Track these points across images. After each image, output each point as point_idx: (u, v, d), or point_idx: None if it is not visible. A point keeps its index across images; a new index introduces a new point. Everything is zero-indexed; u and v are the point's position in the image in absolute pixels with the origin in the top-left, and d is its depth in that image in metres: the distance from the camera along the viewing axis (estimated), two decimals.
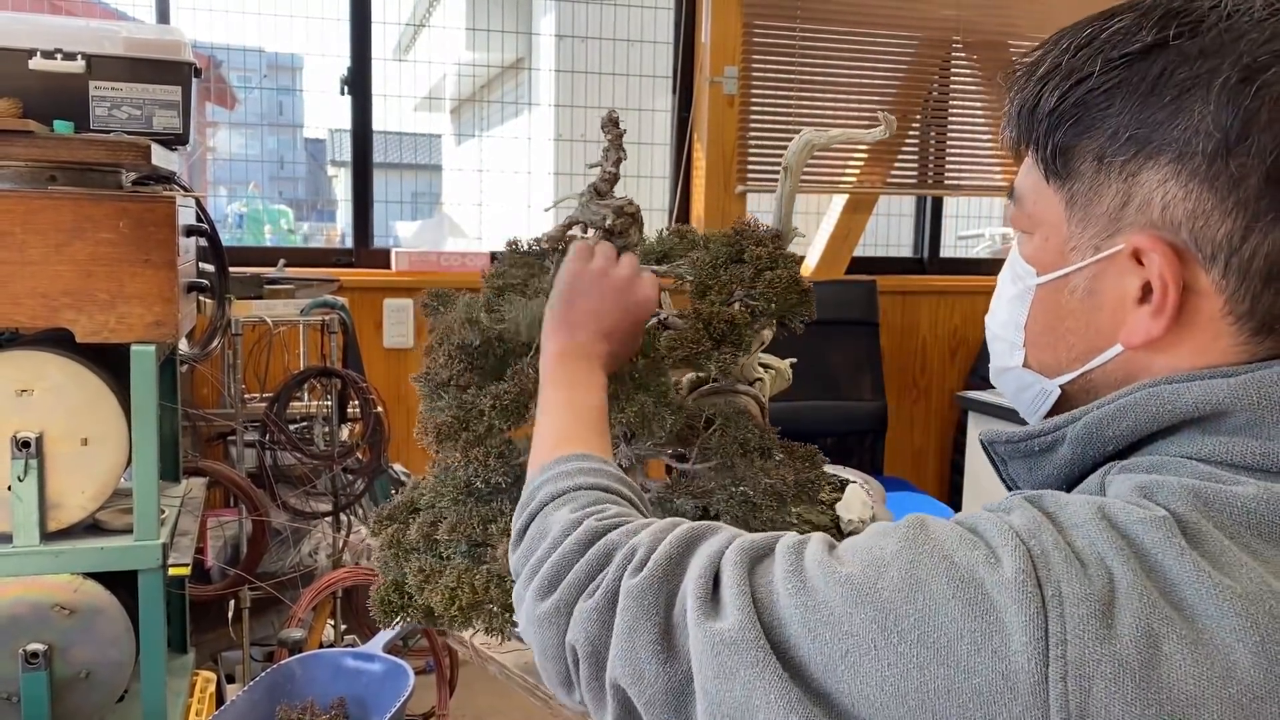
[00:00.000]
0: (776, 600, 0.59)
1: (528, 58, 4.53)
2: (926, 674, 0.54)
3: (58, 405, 1.64)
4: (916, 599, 0.55)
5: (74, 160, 1.62)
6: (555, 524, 0.74)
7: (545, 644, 0.69)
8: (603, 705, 0.66)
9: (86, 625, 1.69)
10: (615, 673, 0.64)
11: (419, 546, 1.17)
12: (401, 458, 3.01)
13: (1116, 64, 0.61)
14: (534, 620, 0.70)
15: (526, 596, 0.72)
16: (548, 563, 0.71)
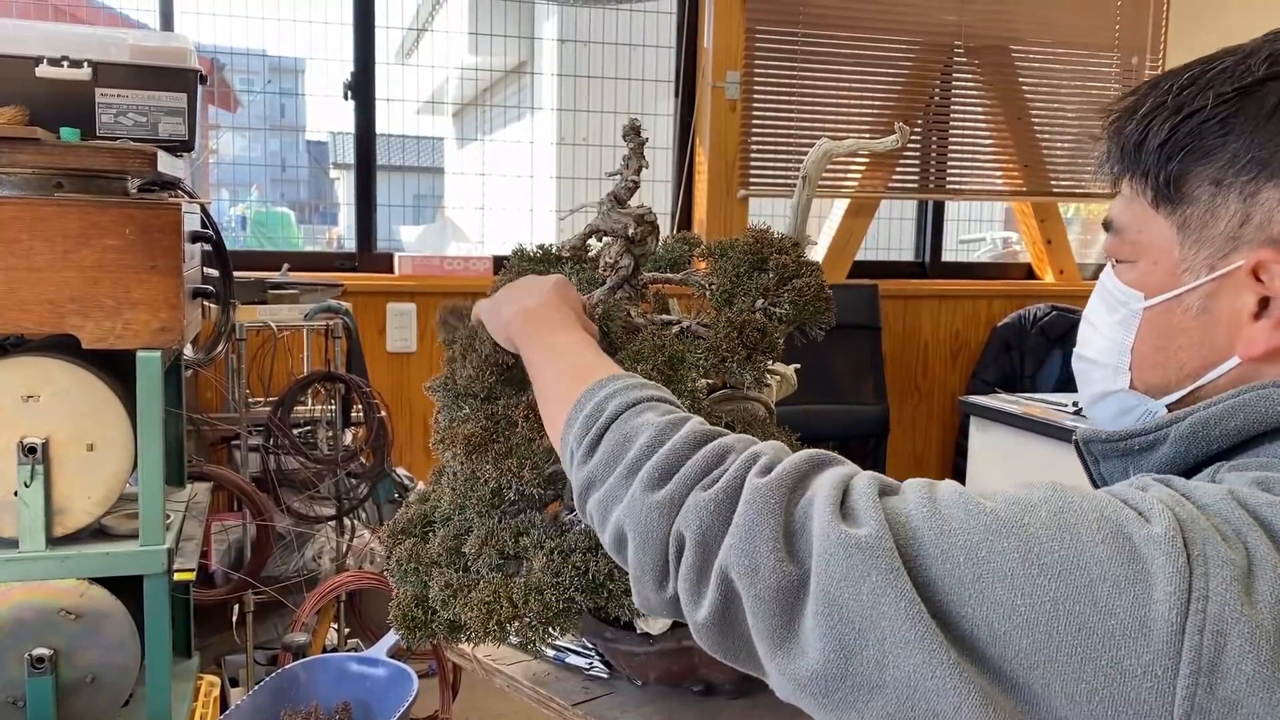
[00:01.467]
0: (910, 520, 0.60)
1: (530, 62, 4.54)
2: (1060, 609, 0.55)
3: (64, 411, 1.65)
4: (1064, 538, 0.57)
5: (80, 167, 1.63)
6: (647, 425, 0.73)
7: (648, 532, 0.68)
8: (700, 596, 0.65)
9: (92, 630, 1.69)
10: (728, 561, 0.63)
11: (441, 560, 1.16)
12: (405, 462, 3.02)
13: (1229, 96, 0.66)
14: (643, 510, 0.68)
15: (632, 489, 0.70)
16: (656, 455, 0.70)
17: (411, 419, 3.12)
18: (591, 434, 0.75)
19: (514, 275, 1.34)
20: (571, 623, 1.11)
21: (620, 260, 1.27)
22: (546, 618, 1.07)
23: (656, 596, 0.70)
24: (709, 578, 0.64)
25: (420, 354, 3.11)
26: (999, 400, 2.74)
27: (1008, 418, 2.58)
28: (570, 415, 0.78)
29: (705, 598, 0.65)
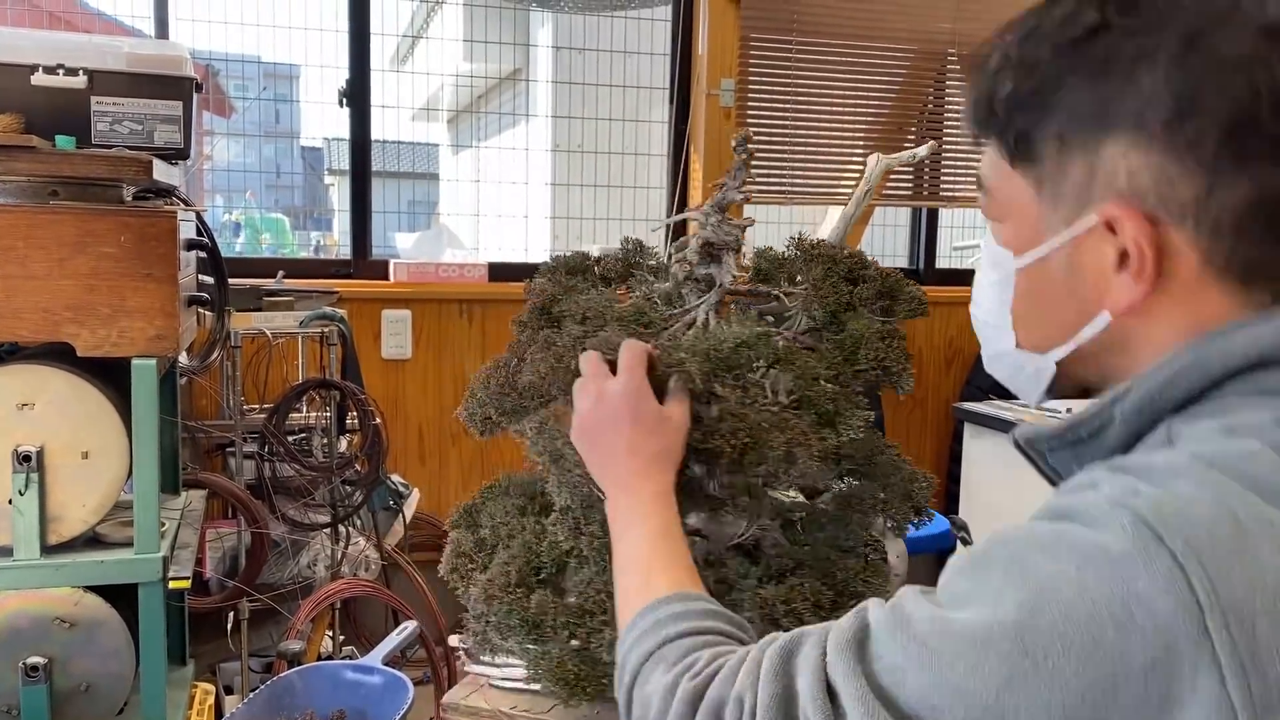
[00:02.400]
0: (906, 681, 0.58)
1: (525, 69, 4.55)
2: (1085, 678, 0.53)
3: (59, 419, 1.65)
4: (1045, 613, 0.54)
5: (76, 175, 1.63)
6: (654, 694, 0.73)
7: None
8: None
9: (87, 638, 1.69)
10: None
11: (590, 607, 1.14)
12: (399, 469, 3.02)
13: (1064, 48, 0.64)
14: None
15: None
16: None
17: (406, 426, 3.12)
18: (622, 697, 0.79)
19: (554, 280, 1.33)
20: None
21: (725, 275, 1.27)
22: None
23: None
24: None
25: (415, 361, 3.11)
26: (993, 407, 2.75)
27: (1002, 424, 2.59)
28: (618, 656, 0.82)
29: None
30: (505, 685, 1.33)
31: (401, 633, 1.84)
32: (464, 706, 1.29)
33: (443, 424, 3.16)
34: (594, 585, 1.15)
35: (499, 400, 1.26)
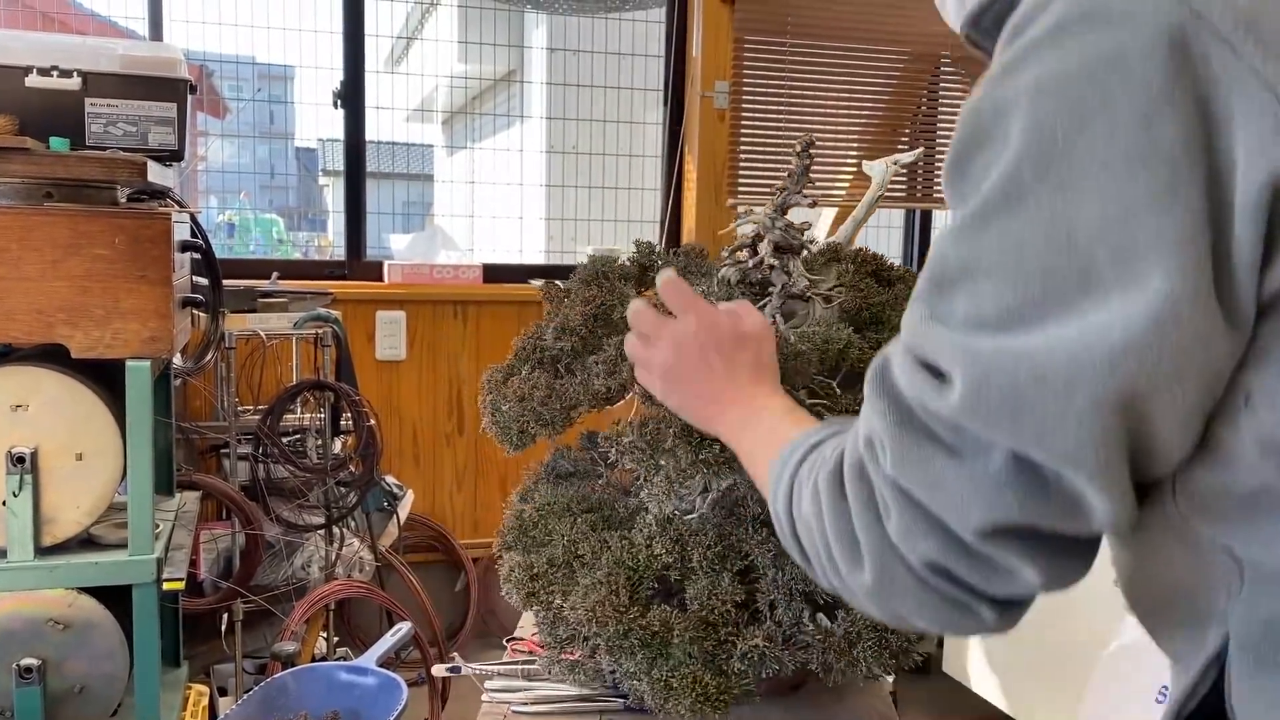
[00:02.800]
0: (980, 296, 0.56)
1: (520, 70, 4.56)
2: (1117, 119, 0.51)
3: (53, 420, 1.65)
4: (1048, 99, 0.53)
5: (70, 177, 1.63)
6: (809, 511, 0.69)
7: (900, 586, 0.63)
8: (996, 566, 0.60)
9: (80, 640, 1.69)
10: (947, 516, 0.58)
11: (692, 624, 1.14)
12: (394, 470, 3.02)
13: None
14: (892, 582, 0.63)
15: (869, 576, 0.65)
16: (833, 546, 0.66)
17: (401, 428, 3.12)
18: (789, 539, 0.75)
19: (605, 287, 1.34)
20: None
21: (798, 279, 1.27)
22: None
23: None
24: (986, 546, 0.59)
25: (409, 362, 3.12)
26: None
27: None
28: (771, 503, 0.78)
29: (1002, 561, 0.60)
30: (529, 710, 1.32)
31: (395, 634, 1.84)
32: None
33: (437, 425, 3.17)
34: (716, 595, 1.14)
35: (539, 412, 1.26)
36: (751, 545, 1.20)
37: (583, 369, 1.32)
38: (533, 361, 1.39)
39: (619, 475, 1.43)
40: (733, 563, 1.19)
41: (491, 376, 1.40)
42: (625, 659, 1.18)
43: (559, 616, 1.24)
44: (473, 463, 3.21)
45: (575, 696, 1.35)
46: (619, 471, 1.42)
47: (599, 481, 1.44)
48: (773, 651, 1.13)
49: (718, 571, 1.17)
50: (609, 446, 1.35)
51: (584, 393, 1.29)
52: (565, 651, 1.29)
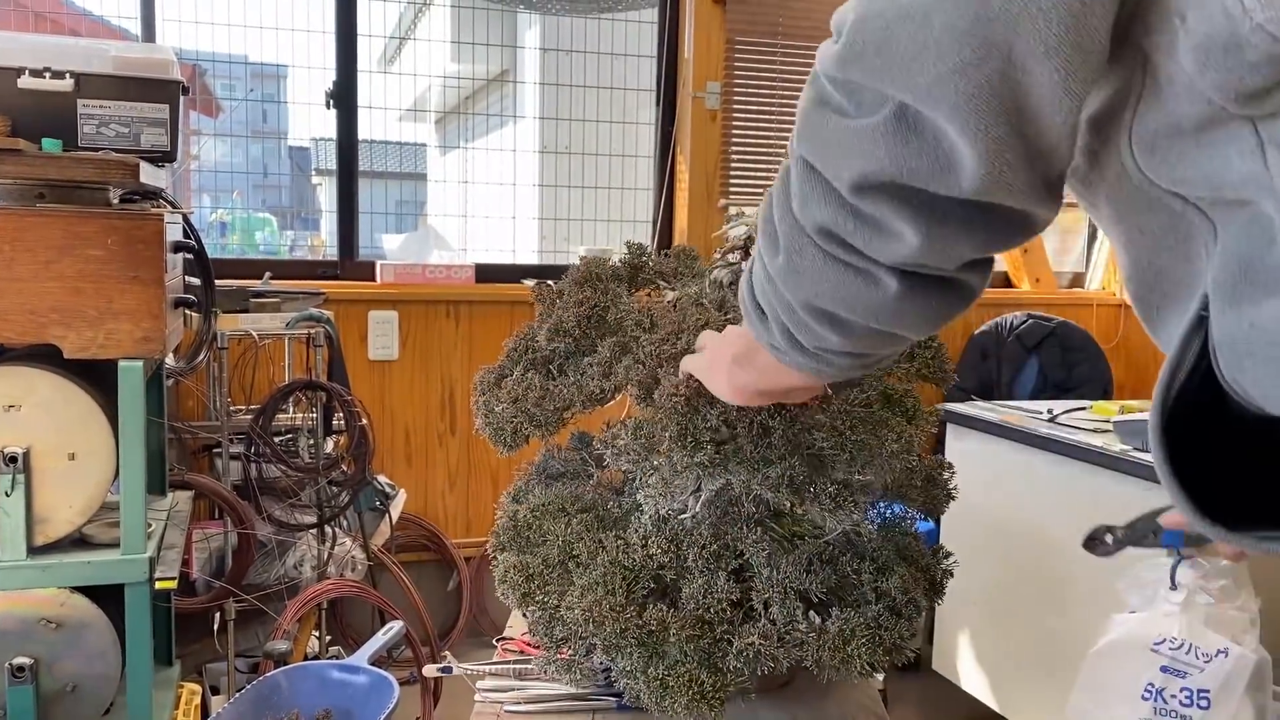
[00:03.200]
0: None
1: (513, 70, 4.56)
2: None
3: (45, 420, 1.66)
4: None
5: (63, 178, 1.64)
6: (784, 177, 0.68)
7: (806, 259, 0.65)
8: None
9: (73, 639, 1.70)
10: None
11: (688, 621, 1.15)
12: (386, 470, 3.03)
13: None
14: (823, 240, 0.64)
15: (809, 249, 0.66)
16: (761, 242, 0.69)
17: (393, 427, 3.13)
18: (779, 252, 0.71)
19: (599, 289, 1.35)
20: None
21: None
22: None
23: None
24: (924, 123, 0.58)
25: (402, 362, 3.12)
26: (975, 407, 2.77)
27: (984, 425, 2.61)
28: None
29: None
30: (522, 709, 1.33)
31: (387, 632, 1.85)
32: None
33: (429, 425, 3.18)
34: (711, 594, 1.16)
35: (533, 413, 1.27)
36: (746, 544, 1.21)
37: (576, 370, 1.33)
38: (525, 363, 1.39)
39: (610, 475, 1.44)
40: (727, 562, 1.20)
41: (484, 378, 1.41)
42: (621, 658, 1.19)
43: (555, 617, 1.25)
44: (465, 463, 3.22)
45: (568, 695, 1.36)
46: (610, 471, 1.43)
47: (590, 482, 1.45)
48: (768, 649, 1.14)
49: (713, 571, 1.18)
50: (603, 448, 1.35)
51: (577, 394, 1.30)
52: (560, 651, 1.29)
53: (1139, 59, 0.53)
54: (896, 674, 3.15)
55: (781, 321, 0.72)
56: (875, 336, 0.69)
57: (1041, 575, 2.48)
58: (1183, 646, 1.94)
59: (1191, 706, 1.93)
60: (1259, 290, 0.51)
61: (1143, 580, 2.04)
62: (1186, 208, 0.55)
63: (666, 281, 1.48)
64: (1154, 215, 0.57)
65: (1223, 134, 0.51)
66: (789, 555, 1.18)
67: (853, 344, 0.70)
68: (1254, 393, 0.52)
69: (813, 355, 0.73)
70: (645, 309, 1.33)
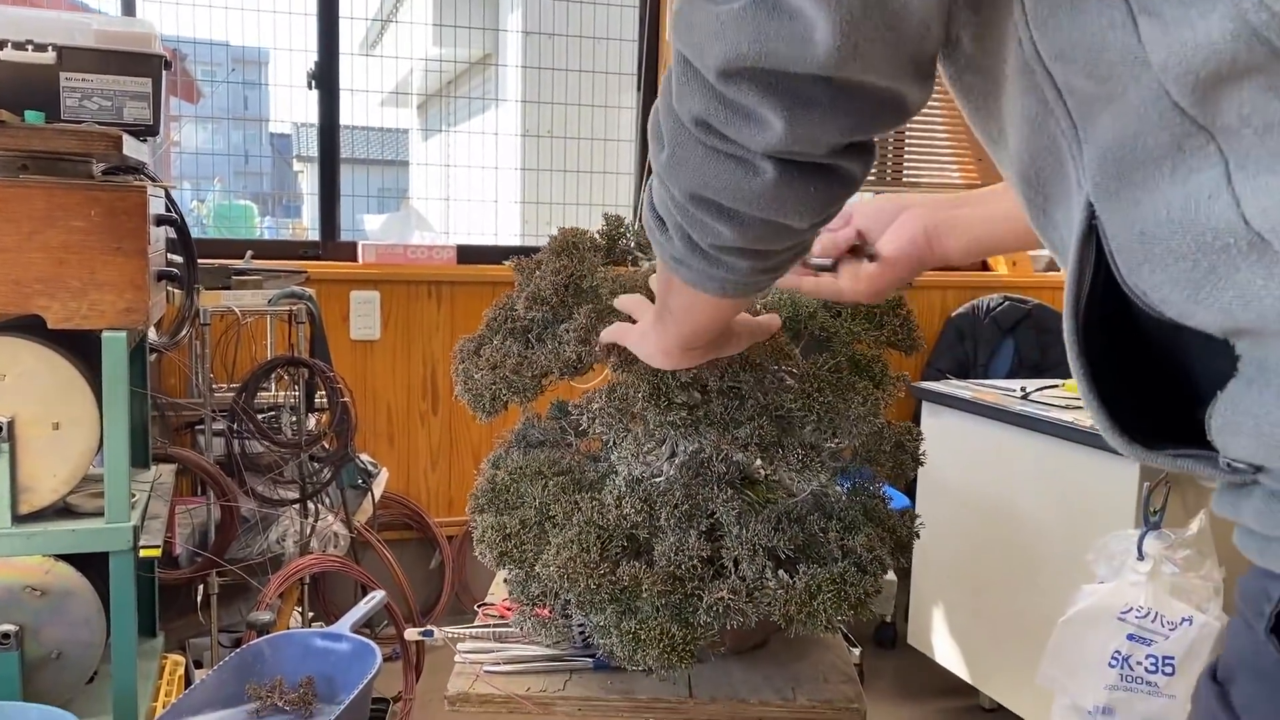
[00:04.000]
0: None
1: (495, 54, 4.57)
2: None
3: (30, 390, 1.67)
4: None
5: (46, 150, 1.65)
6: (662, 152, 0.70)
7: (686, 152, 0.67)
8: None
9: (58, 607, 1.72)
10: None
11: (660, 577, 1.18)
12: (368, 447, 3.05)
13: None
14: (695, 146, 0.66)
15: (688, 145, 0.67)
16: (651, 146, 0.71)
17: (374, 405, 3.14)
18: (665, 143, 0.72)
19: (561, 249, 1.38)
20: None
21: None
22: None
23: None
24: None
25: (384, 342, 3.14)
26: (950, 386, 2.82)
27: (958, 402, 2.65)
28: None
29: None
30: (502, 670, 1.36)
31: (369, 601, 1.88)
32: (475, 696, 1.30)
33: (411, 404, 3.20)
34: (683, 552, 1.19)
35: (511, 379, 1.30)
36: (717, 504, 1.24)
37: (553, 338, 1.36)
38: (504, 331, 1.42)
39: (588, 444, 1.47)
40: (699, 521, 1.23)
41: (464, 346, 1.43)
42: (595, 614, 1.22)
43: (531, 575, 1.28)
44: (447, 441, 3.24)
45: (546, 656, 1.39)
46: (588, 440, 1.46)
47: (569, 449, 1.48)
48: (737, 604, 1.17)
49: (684, 529, 1.21)
50: (579, 414, 1.38)
51: (555, 360, 1.33)
52: (537, 609, 1.32)
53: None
54: (872, 649, 3.20)
55: (677, 222, 0.73)
56: (764, 227, 0.69)
57: (1014, 549, 2.53)
58: (1149, 615, 2.00)
59: (1157, 673, 1.99)
60: (1139, 190, 0.51)
61: (1111, 551, 2.09)
62: (1056, 101, 0.54)
63: (644, 254, 1.51)
64: (1031, 100, 0.56)
65: (1095, 3, 0.50)
66: (758, 515, 1.21)
67: (745, 238, 0.70)
68: (1154, 297, 0.52)
69: (713, 260, 0.75)
70: (621, 278, 1.36)
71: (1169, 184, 0.49)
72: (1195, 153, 0.48)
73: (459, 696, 1.31)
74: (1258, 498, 0.53)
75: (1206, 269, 0.48)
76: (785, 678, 1.34)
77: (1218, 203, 0.47)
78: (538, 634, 1.36)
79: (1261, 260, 0.46)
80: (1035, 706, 2.42)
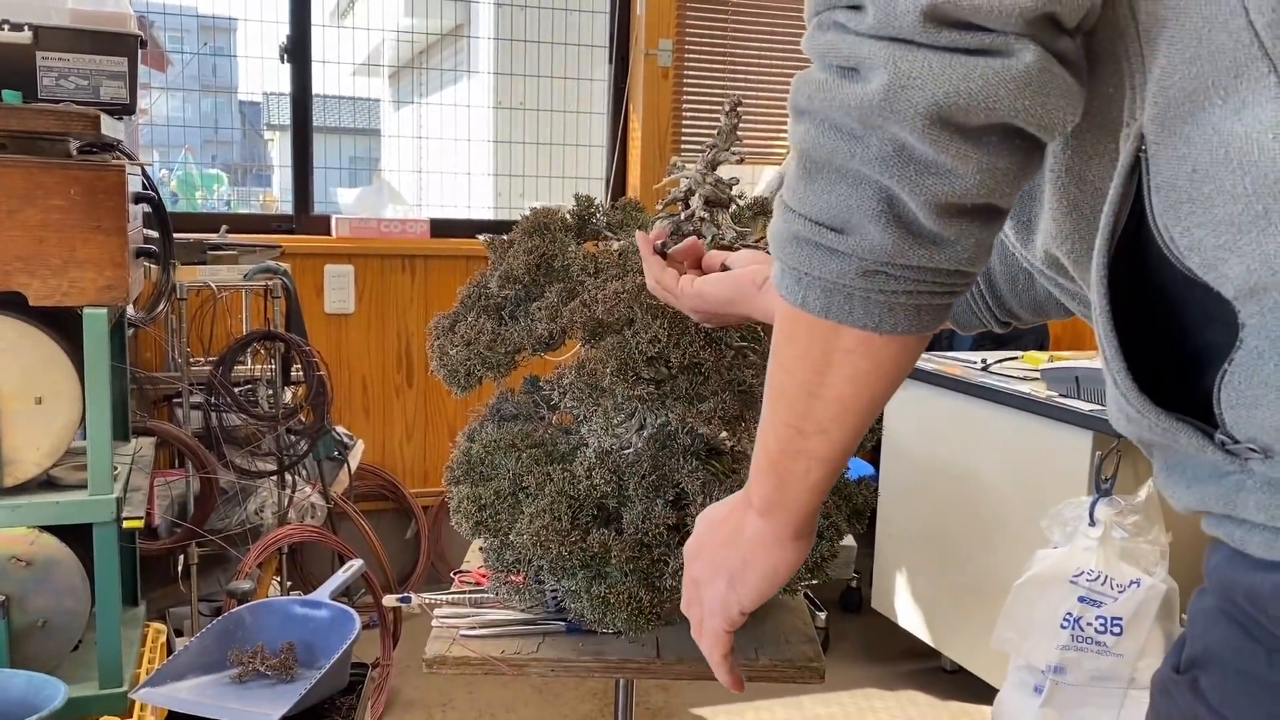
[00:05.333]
0: None
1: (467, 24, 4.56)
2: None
3: (12, 365, 1.70)
4: None
5: (24, 130, 1.67)
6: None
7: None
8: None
9: (43, 576, 1.76)
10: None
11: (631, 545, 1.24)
12: (343, 420, 3.09)
13: None
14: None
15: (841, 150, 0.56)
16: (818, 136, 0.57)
17: (350, 379, 3.18)
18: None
19: (547, 238, 1.43)
20: None
21: (727, 231, 1.36)
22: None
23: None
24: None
25: (358, 315, 3.18)
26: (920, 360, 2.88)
27: (921, 374, 2.72)
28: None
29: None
30: (477, 633, 1.42)
31: (348, 570, 1.93)
32: (452, 659, 1.35)
33: (386, 377, 3.24)
34: (650, 520, 1.25)
35: (485, 355, 1.35)
36: (682, 475, 1.30)
37: (526, 315, 1.41)
38: (478, 309, 1.47)
39: (560, 418, 1.53)
40: (665, 491, 1.29)
41: (439, 323, 1.48)
42: (567, 579, 1.28)
43: (506, 543, 1.34)
44: (422, 414, 3.29)
45: (520, 620, 1.45)
46: (560, 414, 1.52)
47: (541, 423, 1.54)
48: None
49: (652, 499, 1.27)
50: (551, 389, 1.44)
51: (527, 337, 1.38)
52: (511, 576, 1.38)
53: None
54: (838, 613, 3.29)
55: (882, 188, 0.56)
56: (1006, 154, 0.54)
57: (973, 515, 2.61)
58: (1099, 578, 2.08)
59: (1106, 633, 2.08)
60: (1194, 124, 0.49)
61: (1064, 518, 2.17)
62: (1129, 20, 0.52)
63: (613, 233, 1.56)
64: (1104, 23, 0.54)
65: None
66: (722, 484, 1.27)
67: (976, 178, 0.54)
68: (1182, 241, 0.50)
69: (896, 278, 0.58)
70: (591, 256, 1.41)
71: (1227, 115, 0.47)
72: (1256, 82, 0.46)
73: (436, 659, 1.37)
74: (1257, 488, 0.50)
75: (1259, 212, 0.46)
76: (748, 639, 1.41)
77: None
78: (512, 599, 1.42)
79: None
80: (993, 667, 2.52)
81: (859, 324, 0.59)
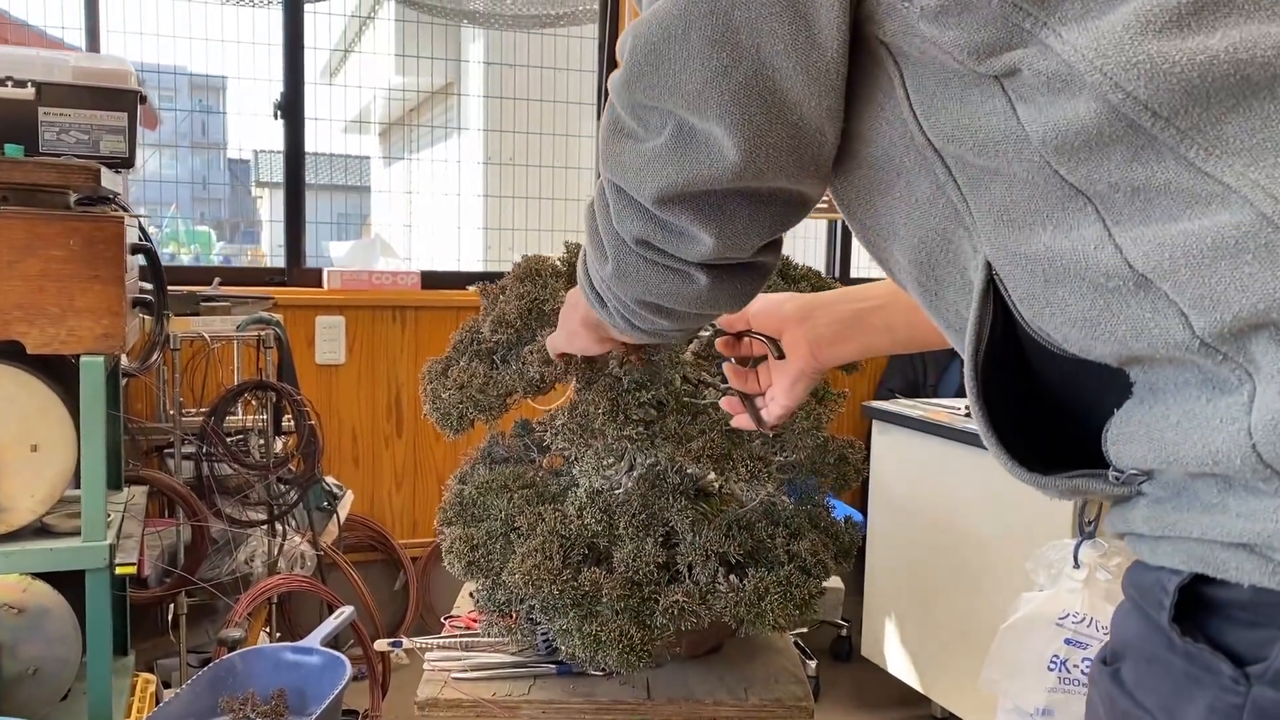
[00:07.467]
0: None
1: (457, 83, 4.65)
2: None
3: (9, 413, 1.72)
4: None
5: (26, 182, 1.71)
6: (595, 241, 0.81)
7: (630, 266, 0.77)
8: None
9: (35, 624, 1.76)
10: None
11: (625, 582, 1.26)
12: (333, 470, 3.10)
13: None
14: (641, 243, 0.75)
15: (622, 258, 0.77)
16: (591, 254, 0.83)
17: (340, 429, 3.20)
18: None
19: (538, 284, 1.47)
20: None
21: None
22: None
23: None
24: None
25: (349, 366, 3.20)
26: (898, 405, 2.93)
27: (906, 420, 2.76)
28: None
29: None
30: (469, 676, 1.43)
31: (338, 617, 1.93)
32: (444, 701, 1.36)
33: (376, 428, 3.25)
34: (640, 558, 1.27)
35: (477, 398, 1.38)
36: (672, 514, 1.33)
37: (517, 359, 1.44)
38: (470, 353, 1.50)
39: (551, 460, 1.55)
40: (655, 529, 1.32)
41: (431, 367, 1.52)
42: (559, 618, 1.30)
43: (498, 583, 1.36)
44: (411, 464, 3.30)
45: (511, 663, 1.47)
46: (550, 457, 1.55)
47: (533, 465, 1.56)
48: (691, 606, 1.26)
49: (642, 537, 1.30)
50: (543, 431, 1.47)
51: (519, 380, 1.41)
52: (503, 616, 1.40)
53: (885, 54, 0.62)
54: (829, 661, 3.29)
55: (619, 312, 0.85)
56: (699, 319, 0.85)
57: (959, 560, 2.63)
58: (1084, 620, 2.10)
59: None
60: (1032, 246, 0.57)
61: (1049, 560, 2.19)
62: (947, 178, 0.61)
63: None
64: (923, 182, 0.63)
65: (977, 93, 0.58)
66: (711, 523, 1.30)
67: (680, 324, 0.84)
68: (1057, 337, 0.58)
69: (649, 334, 0.88)
70: None
71: (1057, 238, 0.56)
72: (1076, 212, 0.55)
73: (428, 702, 1.38)
74: (1144, 505, 0.59)
75: (1102, 307, 0.55)
76: (738, 679, 1.42)
77: (1103, 251, 0.54)
78: (504, 640, 1.44)
79: (1147, 296, 0.53)
80: (981, 712, 2.52)
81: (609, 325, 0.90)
